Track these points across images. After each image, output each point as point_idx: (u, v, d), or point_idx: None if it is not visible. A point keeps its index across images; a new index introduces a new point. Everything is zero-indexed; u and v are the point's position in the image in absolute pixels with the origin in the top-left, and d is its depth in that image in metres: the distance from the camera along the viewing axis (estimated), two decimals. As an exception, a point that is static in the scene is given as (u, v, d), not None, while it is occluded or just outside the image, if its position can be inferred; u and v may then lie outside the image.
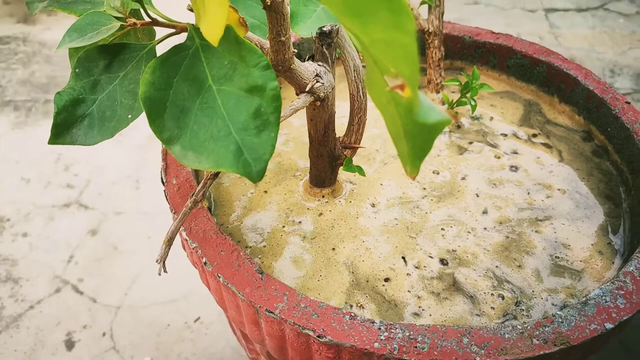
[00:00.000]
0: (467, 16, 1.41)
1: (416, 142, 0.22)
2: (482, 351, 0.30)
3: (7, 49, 1.30)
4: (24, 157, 0.99)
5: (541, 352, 0.29)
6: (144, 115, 0.28)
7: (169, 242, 0.31)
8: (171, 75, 0.28)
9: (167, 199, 0.40)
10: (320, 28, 0.35)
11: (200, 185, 0.31)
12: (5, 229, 0.85)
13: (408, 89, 0.19)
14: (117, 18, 0.29)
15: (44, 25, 1.37)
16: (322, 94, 0.35)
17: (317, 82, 0.34)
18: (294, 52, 0.31)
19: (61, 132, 0.29)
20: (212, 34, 0.22)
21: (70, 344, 0.70)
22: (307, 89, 0.34)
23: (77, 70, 0.29)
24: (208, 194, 0.45)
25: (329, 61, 0.37)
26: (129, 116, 0.29)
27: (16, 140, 1.03)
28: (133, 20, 0.29)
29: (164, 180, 0.41)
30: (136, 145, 1.01)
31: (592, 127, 0.51)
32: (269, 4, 0.27)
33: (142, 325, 0.72)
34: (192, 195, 0.31)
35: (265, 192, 0.46)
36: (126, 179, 0.94)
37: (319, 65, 0.36)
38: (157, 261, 0.31)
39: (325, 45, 0.36)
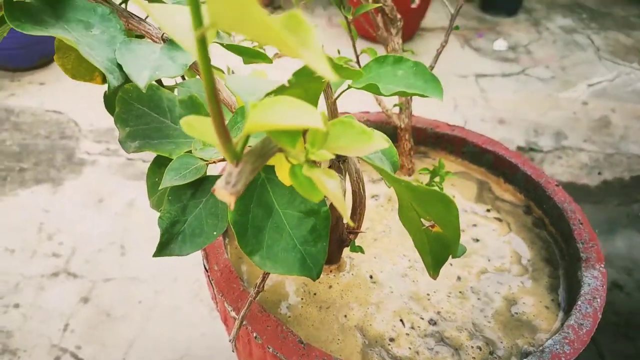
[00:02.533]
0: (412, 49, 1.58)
1: (439, 258, 0.33)
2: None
3: (-28, 115, 1.32)
4: (5, 227, 1.02)
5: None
6: (125, 184, 0.38)
7: (240, 323, 0.40)
8: (247, 203, 0.37)
9: (212, 284, 0.49)
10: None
11: (260, 279, 0.41)
12: (-2, 301, 0.88)
13: (437, 227, 0.31)
14: (202, 159, 0.39)
15: (8, 92, 1.40)
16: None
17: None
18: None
19: (164, 248, 0.37)
20: (285, 181, 0.33)
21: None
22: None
23: (169, 197, 0.39)
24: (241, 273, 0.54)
25: (342, 172, 0.48)
26: (214, 233, 0.38)
27: (-5, 210, 1.05)
28: (214, 159, 0.39)
29: (207, 268, 0.50)
30: (116, 212, 1.07)
31: (531, 203, 0.64)
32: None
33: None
34: (255, 286, 0.41)
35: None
36: (110, 245, 1.00)
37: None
38: (230, 341, 0.39)
39: (341, 161, 0.47)
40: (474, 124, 1.40)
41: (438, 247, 0.32)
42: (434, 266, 0.34)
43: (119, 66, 0.34)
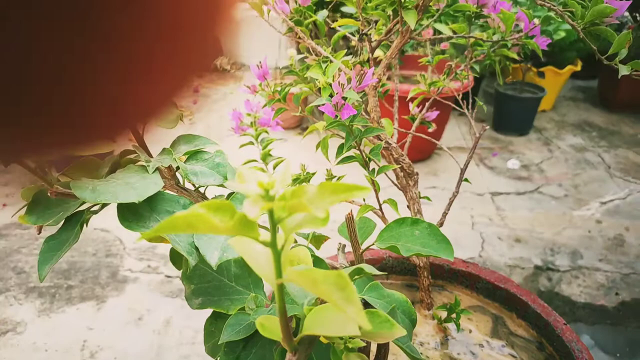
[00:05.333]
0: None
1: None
2: None
3: (28, 233, 1.45)
4: (52, 345, 1.09)
5: None
6: (163, 301, 0.45)
7: None
8: None
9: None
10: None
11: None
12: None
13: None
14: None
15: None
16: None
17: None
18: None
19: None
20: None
21: None
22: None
23: (225, 349, 0.46)
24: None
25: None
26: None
27: (43, 327, 1.13)
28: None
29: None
30: (154, 329, 1.14)
31: (543, 340, 0.70)
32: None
33: None
34: None
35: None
36: (148, 363, 1.05)
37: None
38: None
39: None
40: (491, 243, 1.46)
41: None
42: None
43: (196, 248, 0.43)
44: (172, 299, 1.23)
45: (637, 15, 2.41)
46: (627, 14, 2.46)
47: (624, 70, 0.58)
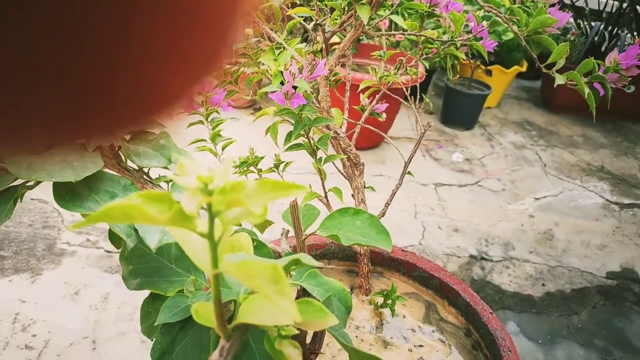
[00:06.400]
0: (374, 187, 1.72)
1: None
2: None
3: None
4: (-20, 317, 1.05)
5: None
6: (101, 277, 0.45)
7: None
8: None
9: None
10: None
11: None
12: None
13: None
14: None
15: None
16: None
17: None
18: None
19: (155, 376, 0.45)
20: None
21: None
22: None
23: (162, 330, 0.47)
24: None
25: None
26: (197, 363, 0.46)
27: (-29, 299, 1.09)
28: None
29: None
30: (92, 304, 1.12)
31: (471, 327, 0.74)
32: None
33: None
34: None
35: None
36: (83, 340, 1.03)
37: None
38: None
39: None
40: (432, 232, 1.52)
41: None
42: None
43: (135, 230, 0.43)
44: (112, 274, 1.20)
45: (581, 22, 2.52)
46: (571, 20, 2.58)
47: (560, 80, 0.61)
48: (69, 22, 0.10)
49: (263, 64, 0.72)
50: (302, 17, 0.75)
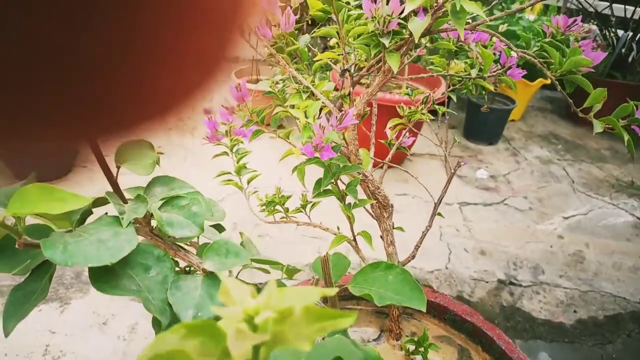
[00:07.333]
0: (398, 207, 1.70)
1: None
2: None
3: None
4: (12, 349, 1.06)
5: None
6: (129, 305, 0.45)
7: None
8: None
9: None
10: None
11: None
12: None
13: None
14: None
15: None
16: None
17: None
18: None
19: None
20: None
21: None
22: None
23: None
24: None
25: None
26: None
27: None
28: None
29: None
30: (119, 335, 1.12)
31: (505, 374, 0.72)
32: None
33: None
34: None
35: None
36: (111, 373, 1.04)
37: None
38: None
39: None
40: (458, 254, 1.49)
41: None
42: None
43: (169, 305, 0.43)
44: (138, 303, 1.21)
45: (607, 32, 2.47)
46: (595, 28, 2.52)
47: (598, 127, 0.59)
48: (69, 22, 0.10)
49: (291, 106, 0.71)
50: (327, 58, 0.74)
